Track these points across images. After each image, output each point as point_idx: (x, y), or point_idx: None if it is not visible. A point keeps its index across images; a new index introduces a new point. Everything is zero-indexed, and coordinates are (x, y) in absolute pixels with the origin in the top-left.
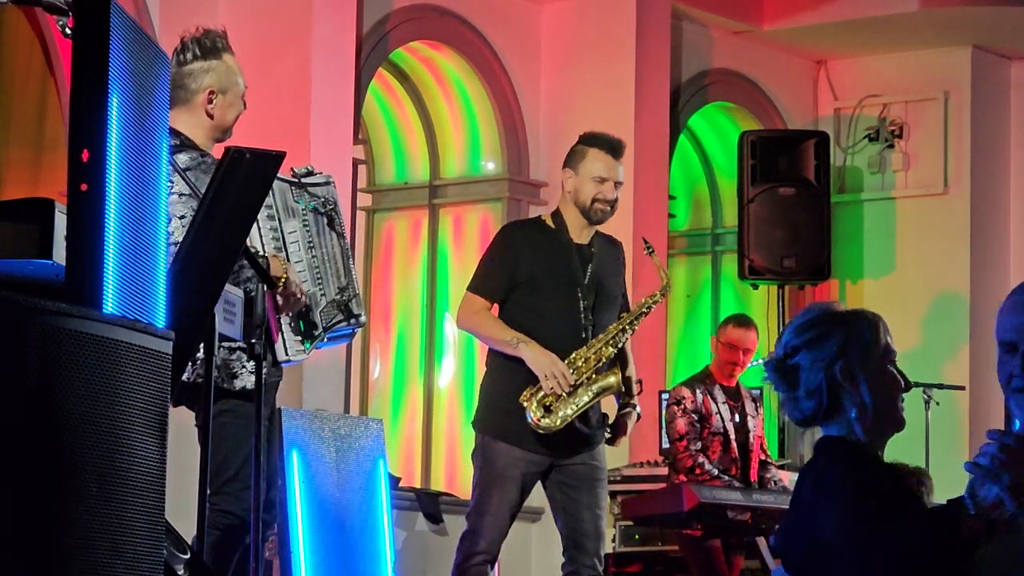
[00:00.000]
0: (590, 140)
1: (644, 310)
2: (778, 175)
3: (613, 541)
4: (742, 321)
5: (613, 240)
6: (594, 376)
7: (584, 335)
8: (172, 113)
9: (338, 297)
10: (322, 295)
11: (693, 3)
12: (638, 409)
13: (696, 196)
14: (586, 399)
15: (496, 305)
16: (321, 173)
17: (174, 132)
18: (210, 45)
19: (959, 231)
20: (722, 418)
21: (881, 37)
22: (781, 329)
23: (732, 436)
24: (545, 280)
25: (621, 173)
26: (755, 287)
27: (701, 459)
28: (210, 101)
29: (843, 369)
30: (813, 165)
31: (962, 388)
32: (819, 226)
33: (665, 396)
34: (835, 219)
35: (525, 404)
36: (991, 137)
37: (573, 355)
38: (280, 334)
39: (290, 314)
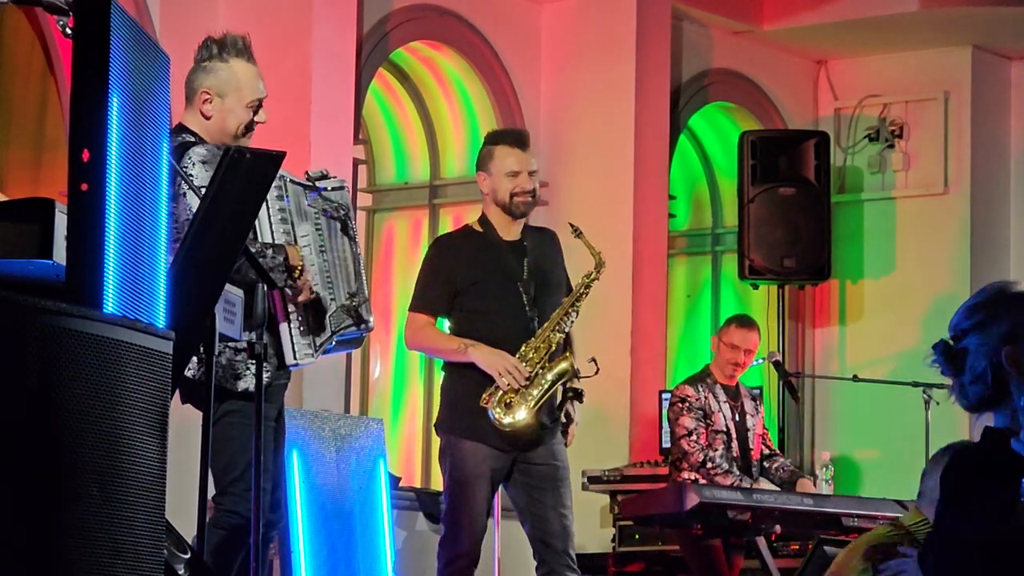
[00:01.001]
0: (495, 138)
1: (583, 290)
2: (778, 175)
3: (613, 541)
4: (744, 322)
5: (543, 229)
6: (547, 364)
7: (532, 327)
8: (185, 113)
9: (348, 302)
10: (332, 299)
11: (693, 3)
12: (577, 418)
13: (696, 196)
14: (544, 387)
15: (440, 318)
16: (336, 177)
17: (186, 129)
18: (218, 49)
19: (959, 231)
20: (724, 417)
21: (881, 37)
22: (781, 329)
23: (733, 435)
24: (484, 283)
25: (534, 163)
26: (755, 287)
27: (711, 453)
28: (205, 102)
29: (1010, 355)
30: (813, 165)
31: None
32: (819, 226)
33: (666, 396)
34: (835, 219)
35: (486, 406)
36: (991, 137)
37: (523, 348)
38: (290, 337)
39: (300, 309)
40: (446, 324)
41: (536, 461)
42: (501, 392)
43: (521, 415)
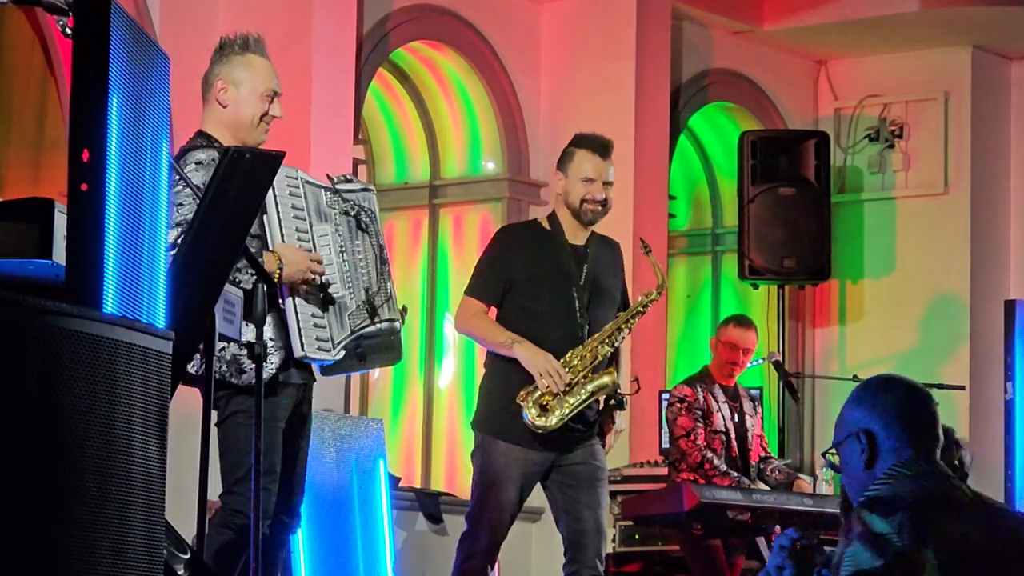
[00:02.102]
0: (578, 141)
1: (640, 308)
2: (778, 175)
3: (613, 541)
4: (742, 321)
5: (610, 241)
6: (590, 375)
7: (580, 334)
8: (203, 113)
9: (364, 300)
10: (352, 298)
11: (693, 3)
12: (619, 424)
13: (696, 196)
14: (582, 397)
15: (494, 308)
16: (359, 180)
17: (202, 134)
18: (232, 46)
19: (959, 231)
20: (723, 417)
21: (881, 37)
22: (781, 329)
23: (732, 435)
24: (541, 281)
25: (611, 173)
26: (755, 287)
27: (709, 454)
28: (221, 91)
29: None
30: (813, 165)
31: (962, 388)
32: (819, 226)
33: (665, 396)
34: (835, 219)
35: (521, 403)
36: (991, 137)
37: (569, 354)
38: (297, 328)
39: (309, 300)
40: (493, 313)
41: (575, 461)
42: (539, 393)
43: (554, 420)
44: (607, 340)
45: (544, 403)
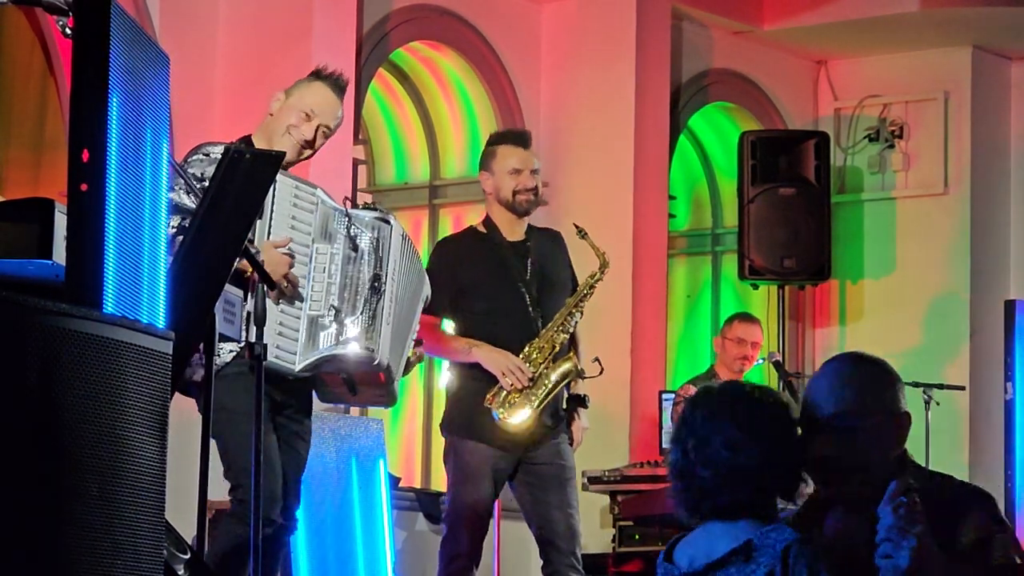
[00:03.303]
0: (497, 139)
1: (587, 291)
2: (778, 175)
3: (613, 541)
4: (746, 317)
5: (550, 231)
6: (551, 364)
7: (535, 328)
8: None
9: (333, 320)
10: (331, 319)
11: (693, 3)
12: (584, 423)
13: (696, 196)
14: (548, 387)
15: (446, 320)
16: (382, 210)
17: (243, 138)
18: (318, 72)
19: (959, 231)
20: None
21: (881, 37)
22: (781, 329)
23: None
24: (487, 284)
25: (535, 162)
26: (755, 287)
27: None
28: (274, 100)
29: None
30: (813, 165)
31: (962, 388)
32: (819, 226)
33: (666, 396)
34: (835, 219)
35: (490, 406)
36: (991, 137)
37: (527, 348)
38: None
39: (276, 305)
40: (450, 325)
41: (541, 461)
42: (505, 392)
43: (525, 415)
44: (560, 327)
45: (512, 401)
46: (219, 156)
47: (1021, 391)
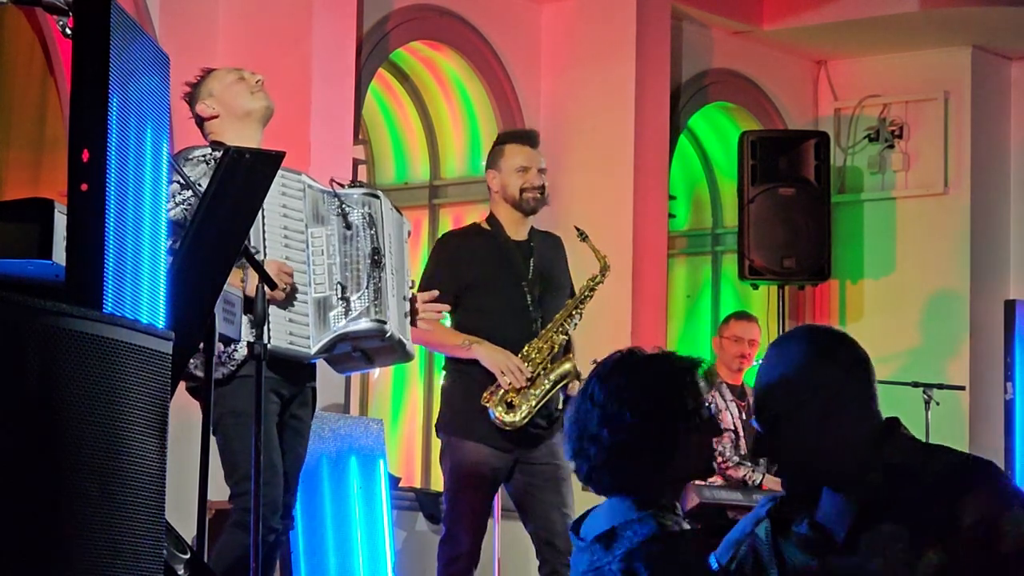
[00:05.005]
0: (504, 138)
1: (588, 294)
2: (778, 175)
3: None
4: (743, 315)
5: (551, 234)
6: (549, 365)
7: (535, 328)
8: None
9: (340, 298)
10: (337, 298)
11: (693, 3)
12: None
13: (696, 196)
14: (546, 387)
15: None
16: (366, 186)
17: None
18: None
19: (959, 231)
20: (731, 415)
21: (881, 37)
22: (781, 329)
23: (741, 434)
24: (489, 280)
25: (542, 161)
26: (755, 287)
27: (718, 448)
28: (207, 105)
29: None
30: (813, 165)
31: (962, 388)
32: (819, 226)
33: None
34: (835, 219)
35: (487, 404)
36: (991, 137)
37: (526, 348)
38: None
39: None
40: (448, 320)
41: (537, 461)
42: (503, 391)
43: (522, 415)
44: (560, 328)
45: (509, 400)
46: (200, 158)
47: (1021, 391)
